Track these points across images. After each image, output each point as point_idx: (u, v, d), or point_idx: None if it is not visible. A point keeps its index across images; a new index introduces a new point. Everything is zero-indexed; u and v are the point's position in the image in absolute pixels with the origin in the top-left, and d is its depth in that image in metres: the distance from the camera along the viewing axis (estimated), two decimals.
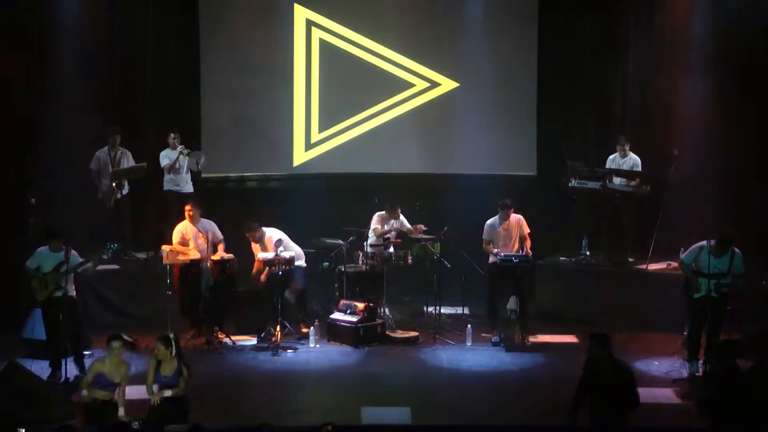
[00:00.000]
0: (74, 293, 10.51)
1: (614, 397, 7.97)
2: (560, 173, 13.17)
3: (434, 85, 14.41)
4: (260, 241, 11.89)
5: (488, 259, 11.82)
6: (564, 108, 14.30)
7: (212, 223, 12.05)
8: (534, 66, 14.22)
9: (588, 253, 13.08)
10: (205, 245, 11.76)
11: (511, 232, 11.79)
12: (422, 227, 12.54)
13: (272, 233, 11.86)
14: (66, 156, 12.83)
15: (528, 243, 11.80)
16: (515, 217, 11.83)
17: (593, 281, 12.80)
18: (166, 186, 13.13)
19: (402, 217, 12.66)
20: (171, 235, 12.20)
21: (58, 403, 9.12)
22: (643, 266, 12.58)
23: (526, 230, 11.84)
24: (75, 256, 10.43)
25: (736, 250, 10.35)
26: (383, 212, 12.57)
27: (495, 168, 14.36)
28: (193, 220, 11.87)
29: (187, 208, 11.92)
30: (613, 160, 12.99)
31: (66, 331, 10.16)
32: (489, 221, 11.87)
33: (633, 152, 12.89)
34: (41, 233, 11.11)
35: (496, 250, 11.67)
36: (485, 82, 14.33)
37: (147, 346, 10.93)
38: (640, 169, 12.77)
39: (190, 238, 11.83)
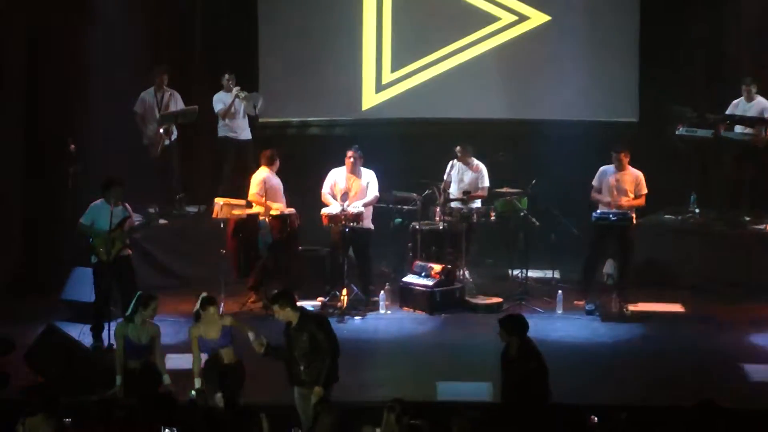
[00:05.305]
0: (129, 252, 10.65)
1: (524, 390, 7.85)
2: (665, 120, 13.08)
3: (522, 18, 14.27)
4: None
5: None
6: (670, 45, 14.02)
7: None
8: None
9: (697, 210, 13.02)
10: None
11: (623, 185, 11.87)
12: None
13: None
14: (109, 98, 12.81)
15: (639, 203, 11.91)
16: (634, 172, 11.95)
17: (703, 243, 12.72)
18: (221, 132, 13.18)
19: (477, 163, 12.43)
20: (223, 189, 12.56)
21: (99, 371, 9.13)
22: (761, 227, 12.53)
23: (644, 190, 11.91)
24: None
25: None
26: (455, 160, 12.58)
27: (590, 113, 14.29)
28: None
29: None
30: (737, 105, 12.78)
31: (124, 294, 10.16)
32: (603, 167, 12.03)
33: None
34: (83, 184, 11.25)
35: (601, 196, 11.83)
36: (580, 15, 14.16)
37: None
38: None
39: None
